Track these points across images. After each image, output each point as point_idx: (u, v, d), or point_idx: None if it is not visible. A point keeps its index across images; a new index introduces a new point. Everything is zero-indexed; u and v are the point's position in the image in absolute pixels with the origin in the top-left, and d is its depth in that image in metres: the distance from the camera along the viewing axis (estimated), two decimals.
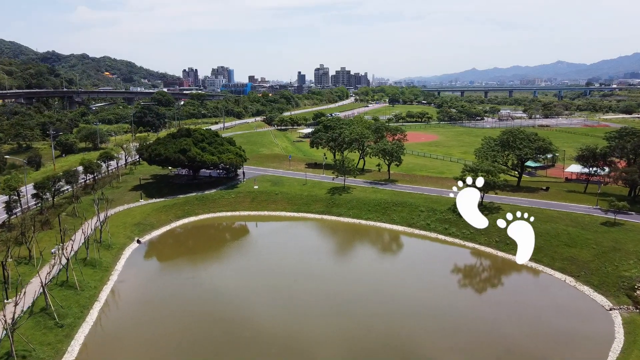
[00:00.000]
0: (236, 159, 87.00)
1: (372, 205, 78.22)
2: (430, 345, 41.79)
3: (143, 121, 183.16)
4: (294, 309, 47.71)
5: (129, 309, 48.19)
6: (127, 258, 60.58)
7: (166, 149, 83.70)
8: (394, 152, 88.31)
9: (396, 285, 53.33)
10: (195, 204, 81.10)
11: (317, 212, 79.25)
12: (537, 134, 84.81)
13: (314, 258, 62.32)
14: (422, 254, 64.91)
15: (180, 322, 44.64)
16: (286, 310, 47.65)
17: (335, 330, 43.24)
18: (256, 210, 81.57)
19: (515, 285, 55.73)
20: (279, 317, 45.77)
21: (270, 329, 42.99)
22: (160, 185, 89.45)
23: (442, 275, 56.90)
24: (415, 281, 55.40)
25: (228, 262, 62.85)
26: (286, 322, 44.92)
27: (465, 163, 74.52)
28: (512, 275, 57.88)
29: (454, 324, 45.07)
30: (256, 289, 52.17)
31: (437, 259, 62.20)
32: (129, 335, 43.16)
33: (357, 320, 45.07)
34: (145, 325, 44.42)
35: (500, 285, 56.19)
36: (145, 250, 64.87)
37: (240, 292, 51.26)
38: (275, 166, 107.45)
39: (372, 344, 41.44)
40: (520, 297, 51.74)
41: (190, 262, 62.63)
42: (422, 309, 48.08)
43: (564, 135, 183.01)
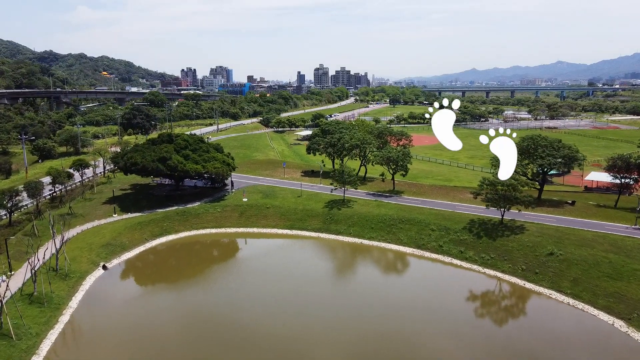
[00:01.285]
0: (223, 168, 77.67)
1: (375, 222, 68.91)
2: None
3: (132, 123, 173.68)
4: (288, 353, 38.65)
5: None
6: (86, 290, 51.14)
7: (143, 157, 74.34)
8: (400, 160, 79.01)
9: (405, 325, 43.97)
10: (175, 220, 71.75)
11: (313, 230, 69.96)
12: (561, 140, 75.44)
13: (309, 289, 53.01)
14: (434, 285, 55.29)
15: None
16: (278, 354, 38.57)
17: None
18: (245, 226, 72.25)
19: (551, 331, 44.42)
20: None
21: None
22: (139, 197, 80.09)
23: (457, 313, 47.33)
24: (428, 321, 45.89)
25: (209, 293, 53.39)
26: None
27: (483, 177, 65.03)
28: (546, 316, 47.10)
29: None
30: (242, 329, 42.87)
31: (451, 291, 52.59)
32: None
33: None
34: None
35: (531, 330, 45.05)
36: (111, 279, 55.47)
37: (224, 333, 41.99)
38: (268, 174, 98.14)
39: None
40: (559, 348, 40.71)
41: (165, 292, 53.35)
42: (436, 354, 38.83)
43: (574, 138, 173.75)
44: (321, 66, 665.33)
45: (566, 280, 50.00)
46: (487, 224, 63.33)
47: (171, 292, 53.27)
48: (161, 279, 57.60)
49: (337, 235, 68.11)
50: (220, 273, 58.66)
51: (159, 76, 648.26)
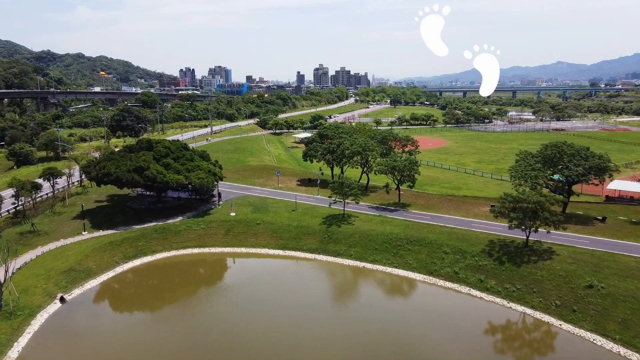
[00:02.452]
0: (208, 179, 69.21)
1: (379, 241, 60.41)
2: None
3: (121, 125, 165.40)
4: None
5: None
6: (35, 332, 42.61)
7: (117, 166, 65.85)
8: (406, 169, 70.58)
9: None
10: (153, 238, 63.25)
11: (308, 250, 61.46)
12: (589, 147, 67.01)
13: (304, 325, 44.61)
14: (450, 322, 46.28)
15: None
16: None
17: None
18: (231, 245, 63.76)
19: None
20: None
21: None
22: (114, 210, 71.61)
23: (478, 359, 38.93)
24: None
25: (187, 330, 44.78)
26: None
27: (505, 193, 56.22)
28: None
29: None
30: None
31: (470, 330, 43.99)
32: None
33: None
34: None
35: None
36: (69, 315, 46.89)
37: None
38: (261, 183, 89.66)
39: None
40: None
41: (135, 329, 44.71)
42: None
43: (584, 140, 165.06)
44: (321, 66, 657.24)
45: (612, 321, 41.51)
46: (509, 247, 54.87)
47: (142, 329, 44.75)
48: (131, 312, 49.10)
49: (336, 257, 59.62)
50: (201, 304, 50.12)
51: (158, 76, 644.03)
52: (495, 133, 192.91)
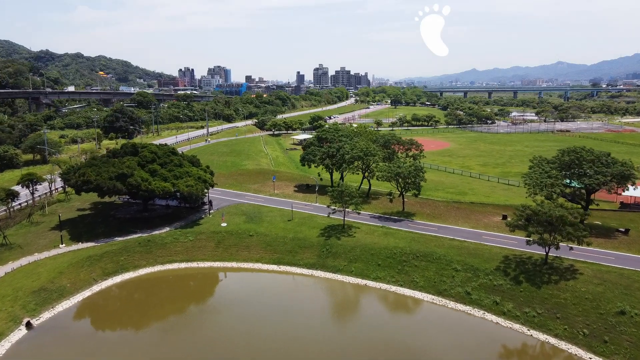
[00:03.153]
0: (197, 186, 64.04)
1: (383, 256, 55.27)
2: None
3: (114, 126, 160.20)
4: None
5: None
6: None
7: (98, 173, 60.68)
8: (411, 176, 65.46)
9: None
10: (136, 252, 58.12)
11: (305, 266, 56.31)
12: (611, 153, 61.93)
13: (300, 350, 39.49)
14: (464, 351, 41.06)
15: None
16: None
17: None
18: (221, 259, 58.63)
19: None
20: None
21: None
22: (97, 220, 66.44)
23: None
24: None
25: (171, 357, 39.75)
26: None
27: (522, 205, 50.77)
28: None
29: None
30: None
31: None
32: None
33: None
34: None
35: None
36: (36, 342, 41.74)
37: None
38: (256, 189, 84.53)
39: None
40: None
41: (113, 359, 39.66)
42: None
43: (591, 142, 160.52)
44: (321, 66, 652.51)
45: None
46: (526, 264, 49.76)
47: (120, 359, 39.68)
48: (107, 338, 43.91)
49: (336, 273, 54.47)
50: (188, 327, 44.86)
51: (157, 76, 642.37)
52: (498, 134, 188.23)
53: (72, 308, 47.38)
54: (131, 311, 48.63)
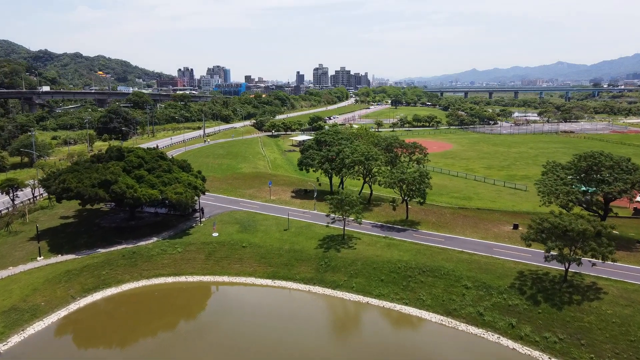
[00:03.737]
0: (187, 193, 59.73)
1: (386, 271, 50.99)
2: None
3: (108, 127, 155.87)
4: None
5: None
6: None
7: (80, 180, 56.37)
8: (416, 183, 61.20)
9: None
10: (120, 265, 53.83)
11: (302, 280, 52.01)
12: (630, 159, 57.66)
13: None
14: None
15: None
16: None
17: None
18: (212, 273, 54.32)
19: None
20: None
21: None
22: (80, 229, 62.11)
23: None
24: None
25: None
26: None
27: (540, 217, 46.22)
28: None
29: None
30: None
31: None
32: None
33: None
34: None
35: None
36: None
37: None
38: (252, 194, 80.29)
39: None
40: None
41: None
42: None
43: (598, 144, 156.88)
44: (320, 66, 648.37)
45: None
46: (543, 281, 45.50)
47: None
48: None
49: (335, 289, 50.18)
50: (174, 348, 40.64)
51: (156, 76, 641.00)
52: (501, 135, 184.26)
53: (45, 330, 43.07)
54: (111, 332, 44.31)
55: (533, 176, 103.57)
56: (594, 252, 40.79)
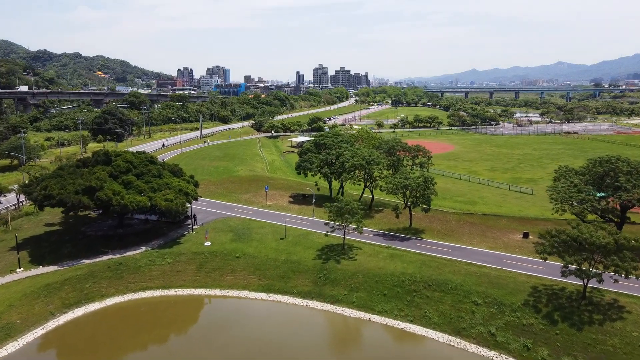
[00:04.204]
0: (178, 200, 56.30)
1: (389, 284, 47.57)
2: None
3: (103, 128, 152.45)
4: None
5: None
6: None
7: (63, 186, 52.97)
8: (420, 189, 57.79)
9: None
10: (104, 277, 50.41)
11: (299, 294, 48.57)
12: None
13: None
14: None
15: None
16: None
17: None
18: (203, 286, 50.87)
19: None
20: None
21: None
22: (64, 238, 58.66)
23: None
24: None
25: None
26: None
27: (556, 229, 42.68)
28: None
29: None
30: None
31: None
32: None
33: None
34: None
35: None
36: None
37: None
38: (248, 199, 76.88)
39: None
40: None
41: None
42: None
43: (602, 145, 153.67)
44: (320, 66, 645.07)
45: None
46: (559, 297, 42.07)
47: None
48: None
49: (334, 304, 46.75)
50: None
51: (156, 76, 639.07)
52: (504, 136, 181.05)
53: (19, 352, 39.63)
54: (92, 352, 40.87)
55: (538, 179, 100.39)
56: (617, 267, 37.37)
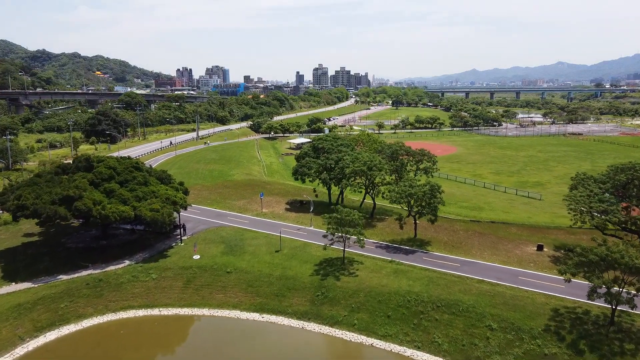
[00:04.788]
0: (164, 210, 51.95)
1: (393, 304, 43.26)
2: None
3: (97, 130, 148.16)
4: None
5: None
6: None
7: (38, 196, 48.68)
8: (426, 198, 53.48)
9: None
10: (82, 296, 46.12)
11: (295, 315, 44.25)
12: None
13: None
14: None
15: None
16: None
17: None
18: (190, 305, 46.53)
19: None
20: None
21: None
22: (41, 250, 54.34)
23: None
24: None
25: None
26: None
27: (581, 247, 38.10)
28: None
29: None
30: None
31: None
32: None
33: None
34: None
35: None
36: None
37: None
38: (242, 206, 72.58)
39: None
40: None
41: None
42: None
43: (609, 147, 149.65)
44: (320, 66, 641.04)
45: None
46: (584, 322, 37.81)
47: None
48: None
49: (333, 326, 42.46)
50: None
51: (155, 76, 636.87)
52: (507, 138, 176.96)
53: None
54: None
55: (546, 183, 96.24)
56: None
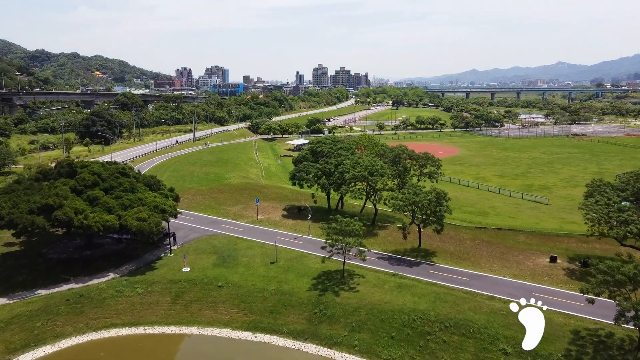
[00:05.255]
0: (152, 219, 48.51)
1: (397, 324, 39.81)
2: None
3: (91, 131, 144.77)
4: None
5: None
6: None
7: (15, 205, 45.28)
8: (432, 206, 50.08)
9: None
10: (61, 313, 42.69)
11: (291, 334, 40.77)
12: None
13: None
14: None
15: None
16: None
17: None
18: (178, 322, 43.05)
19: None
20: None
21: None
22: (21, 262, 50.91)
23: None
24: None
25: None
26: None
27: (606, 265, 34.50)
28: None
29: None
30: None
31: None
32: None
33: None
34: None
35: None
36: None
37: None
38: (237, 212, 69.19)
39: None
40: None
41: None
42: None
43: (614, 149, 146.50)
44: (320, 66, 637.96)
45: None
46: (608, 347, 34.42)
47: None
48: None
49: (332, 348, 38.99)
50: None
51: (154, 76, 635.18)
52: (510, 139, 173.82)
53: None
54: None
55: (552, 186, 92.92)
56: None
